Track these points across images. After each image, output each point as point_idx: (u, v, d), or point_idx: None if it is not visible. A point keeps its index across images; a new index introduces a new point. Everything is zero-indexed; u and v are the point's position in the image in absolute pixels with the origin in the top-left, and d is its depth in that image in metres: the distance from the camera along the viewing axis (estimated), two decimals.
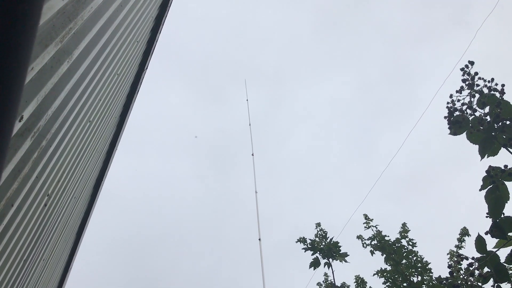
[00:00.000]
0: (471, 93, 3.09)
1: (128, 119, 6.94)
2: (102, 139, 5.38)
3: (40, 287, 5.16)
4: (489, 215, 2.95)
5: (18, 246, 3.03)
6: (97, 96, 3.96)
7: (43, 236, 3.83)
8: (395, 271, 6.08)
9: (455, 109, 3.15)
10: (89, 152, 4.63)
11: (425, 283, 5.94)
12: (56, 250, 5.27)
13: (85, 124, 3.82)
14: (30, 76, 1.99)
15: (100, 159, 6.09)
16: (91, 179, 6.07)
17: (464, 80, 3.09)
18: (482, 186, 3.09)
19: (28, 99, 2.09)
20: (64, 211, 4.53)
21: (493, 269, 2.79)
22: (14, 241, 2.88)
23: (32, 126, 2.31)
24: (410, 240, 6.45)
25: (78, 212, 6.15)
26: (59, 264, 6.34)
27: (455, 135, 3.33)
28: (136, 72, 6.27)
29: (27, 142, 2.30)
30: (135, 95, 6.61)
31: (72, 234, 6.63)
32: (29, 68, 1.97)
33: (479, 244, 2.86)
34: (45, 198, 3.34)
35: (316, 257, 6.25)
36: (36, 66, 2.00)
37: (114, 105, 5.31)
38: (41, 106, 2.31)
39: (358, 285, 6.35)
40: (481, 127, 3.20)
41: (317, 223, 6.65)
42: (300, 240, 6.40)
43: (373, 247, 6.64)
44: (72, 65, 2.66)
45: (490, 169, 3.06)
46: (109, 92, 4.55)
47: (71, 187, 4.35)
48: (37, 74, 2.11)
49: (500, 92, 3.07)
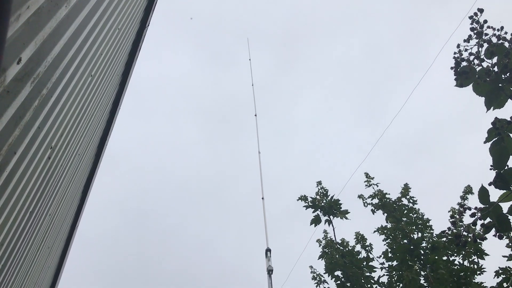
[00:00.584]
0: (479, 43, 3.02)
1: (130, 78, 6.89)
2: (105, 96, 5.35)
3: (46, 243, 5.26)
4: (493, 167, 2.93)
5: (23, 196, 3.05)
6: (98, 49, 3.90)
7: (48, 189, 3.86)
8: (395, 228, 6.15)
9: (462, 59, 3.07)
10: (91, 108, 4.60)
11: (425, 239, 6.02)
12: (61, 207, 5.33)
13: (86, 77, 3.79)
14: (27, 15, 1.95)
15: (103, 117, 6.08)
16: (95, 137, 6.08)
17: (473, 29, 3.01)
18: (487, 138, 3.06)
19: (26, 42, 2.06)
20: (68, 167, 4.55)
21: (495, 219, 2.79)
22: (19, 191, 2.90)
23: (31, 71, 2.28)
24: (411, 198, 6.50)
25: (83, 170, 6.19)
26: (65, 221, 6.44)
27: (461, 86, 3.26)
28: (137, 29, 6.17)
29: (27, 87, 2.28)
30: (137, 53, 6.53)
31: (77, 193, 6.70)
32: (25, 6, 1.92)
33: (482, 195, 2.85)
34: (48, 150, 3.35)
35: (317, 214, 6.32)
36: (32, 5, 1.95)
37: (116, 61, 5.25)
38: (39, 50, 2.27)
39: (358, 242, 6.43)
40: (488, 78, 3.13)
41: (318, 182, 6.69)
42: (301, 198, 6.46)
43: (374, 206, 6.70)
44: (70, 12, 2.60)
45: (496, 121, 3.03)
46: (110, 47, 4.48)
47: (74, 142, 4.35)
48: (34, 15, 2.06)
49: (510, 41, 2.99)
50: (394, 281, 5.83)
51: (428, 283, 5.60)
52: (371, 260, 6.09)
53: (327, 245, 6.33)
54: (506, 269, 5.21)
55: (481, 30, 3.00)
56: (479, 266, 5.72)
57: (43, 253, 5.26)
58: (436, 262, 5.66)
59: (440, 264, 5.64)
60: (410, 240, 5.95)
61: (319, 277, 6.38)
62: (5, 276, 3.50)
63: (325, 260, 6.13)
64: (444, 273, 5.45)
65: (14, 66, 2.02)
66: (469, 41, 3.05)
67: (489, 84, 3.13)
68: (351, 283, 5.75)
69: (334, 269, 5.90)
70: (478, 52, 3.05)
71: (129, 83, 7.03)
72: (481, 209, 2.80)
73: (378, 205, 6.58)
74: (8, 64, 1.95)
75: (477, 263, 5.78)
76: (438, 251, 5.80)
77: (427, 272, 5.68)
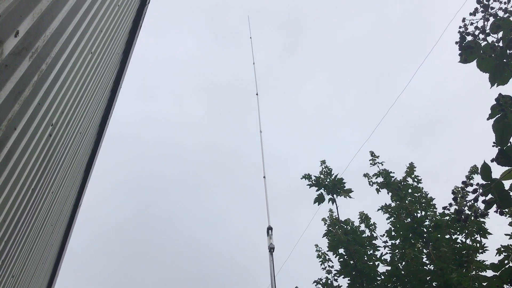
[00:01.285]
0: (485, 16, 2.95)
1: (131, 57, 6.84)
2: (106, 74, 5.32)
3: (50, 220, 5.30)
4: (496, 144, 2.91)
5: (25, 172, 3.06)
6: (97, 26, 3.86)
7: (50, 167, 3.87)
8: (399, 207, 6.17)
9: (468, 34, 3.02)
10: (92, 86, 4.58)
11: (429, 218, 6.03)
12: (64, 185, 5.36)
13: (86, 54, 3.75)
14: None
15: (104, 96, 6.06)
16: (97, 116, 6.07)
17: (479, 1, 2.95)
18: (490, 115, 3.02)
19: (23, 14, 2.03)
20: (70, 145, 4.55)
21: (497, 195, 2.78)
22: (21, 167, 2.90)
23: (29, 46, 2.25)
24: (415, 177, 6.49)
25: (85, 149, 6.20)
26: (68, 200, 6.49)
27: (465, 62, 3.21)
28: (138, 7, 6.10)
29: (26, 62, 2.25)
30: (137, 31, 6.47)
31: (79, 172, 6.73)
32: None
33: (485, 172, 2.83)
34: (49, 127, 3.34)
35: (320, 193, 6.33)
36: None
37: (116, 39, 5.20)
38: (37, 24, 2.24)
39: (362, 221, 6.45)
40: (493, 54, 3.08)
41: (322, 161, 6.67)
42: (305, 177, 6.46)
43: (379, 185, 6.70)
44: None
45: (500, 97, 2.99)
46: (110, 23, 4.43)
47: (75, 120, 4.35)
48: None
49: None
50: (396, 258, 5.86)
51: (430, 260, 5.64)
52: (374, 239, 6.13)
53: (332, 224, 6.36)
54: (508, 247, 5.23)
55: (487, 3, 2.93)
56: (482, 244, 5.74)
57: (46, 231, 5.30)
58: (439, 240, 5.68)
59: (442, 242, 5.67)
60: (414, 219, 5.97)
61: (324, 255, 6.44)
62: (9, 252, 3.53)
63: (329, 238, 6.17)
64: (447, 251, 5.49)
65: (12, 39, 1.99)
66: (475, 14, 2.99)
67: (494, 59, 3.08)
68: (354, 261, 5.79)
69: (337, 246, 5.94)
70: (484, 26, 3.00)
71: (131, 61, 6.99)
72: (483, 185, 2.79)
73: (383, 184, 6.59)
74: (5, 36, 1.93)
75: (480, 241, 5.81)
76: (441, 229, 5.83)
77: (429, 250, 5.72)
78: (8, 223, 3.18)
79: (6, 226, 3.13)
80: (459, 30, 3.03)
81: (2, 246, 3.28)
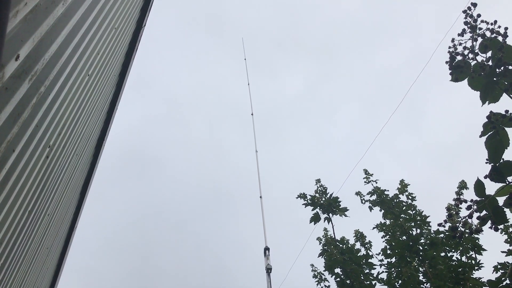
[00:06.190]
0: (473, 37, 3.04)
1: (127, 79, 6.90)
2: (102, 96, 5.36)
3: (45, 243, 5.26)
4: (488, 161, 2.96)
5: (22, 194, 3.06)
6: (95, 49, 3.92)
7: (46, 188, 3.87)
8: (394, 225, 6.18)
9: (457, 54, 3.10)
10: (89, 108, 4.62)
11: (424, 236, 6.04)
12: (60, 207, 5.34)
13: (83, 76, 3.80)
14: (24, 12, 1.97)
15: (101, 118, 6.09)
16: (93, 138, 6.09)
17: (466, 23, 3.04)
18: (482, 132, 3.08)
19: (24, 38, 2.07)
20: (66, 166, 4.56)
21: (491, 212, 2.82)
22: (18, 189, 2.91)
23: (29, 69, 2.29)
24: (409, 194, 6.52)
25: (81, 171, 6.20)
26: (64, 222, 6.45)
27: (456, 81, 3.29)
28: (134, 30, 6.19)
29: (25, 84, 2.29)
30: (133, 54, 6.55)
31: (75, 193, 6.71)
32: (23, 3, 1.94)
33: (478, 188, 2.87)
34: (46, 149, 3.36)
35: (316, 212, 6.33)
36: (29, 2, 1.97)
37: (113, 61, 5.26)
38: (37, 48, 2.29)
39: (358, 239, 6.45)
40: (483, 72, 3.16)
41: (317, 180, 6.70)
42: (300, 196, 6.47)
43: (371, 203, 6.71)
44: (67, 9, 2.62)
45: (491, 115, 3.05)
46: (107, 46, 4.50)
47: (72, 142, 4.37)
48: (31, 13, 2.08)
49: (503, 35, 3.02)
50: (393, 277, 5.85)
51: (427, 279, 5.63)
52: (370, 257, 6.11)
53: (327, 243, 6.34)
54: (505, 264, 5.24)
55: (475, 24, 3.02)
56: (477, 261, 5.75)
57: (42, 253, 5.26)
58: (435, 258, 5.69)
59: (438, 260, 5.67)
60: (409, 237, 5.98)
61: (320, 275, 6.39)
62: (5, 275, 3.51)
63: (325, 258, 6.14)
64: (443, 269, 5.48)
65: (12, 62, 2.03)
66: (463, 35, 3.07)
67: (484, 78, 3.15)
68: (351, 280, 5.76)
69: (334, 266, 5.91)
70: (473, 46, 3.08)
71: (127, 82, 7.04)
72: (477, 201, 2.83)
73: (376, 202, 6.61)
74: (6, 60, 1.97)
75: (475, 258, 5.81)
76: (436, 247, 5.83)
77: (425, 268, 5.71)
78: (4, 246, 3.17)
79: (2, 249, 3.12)
80: (448, 50, 3.12)
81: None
